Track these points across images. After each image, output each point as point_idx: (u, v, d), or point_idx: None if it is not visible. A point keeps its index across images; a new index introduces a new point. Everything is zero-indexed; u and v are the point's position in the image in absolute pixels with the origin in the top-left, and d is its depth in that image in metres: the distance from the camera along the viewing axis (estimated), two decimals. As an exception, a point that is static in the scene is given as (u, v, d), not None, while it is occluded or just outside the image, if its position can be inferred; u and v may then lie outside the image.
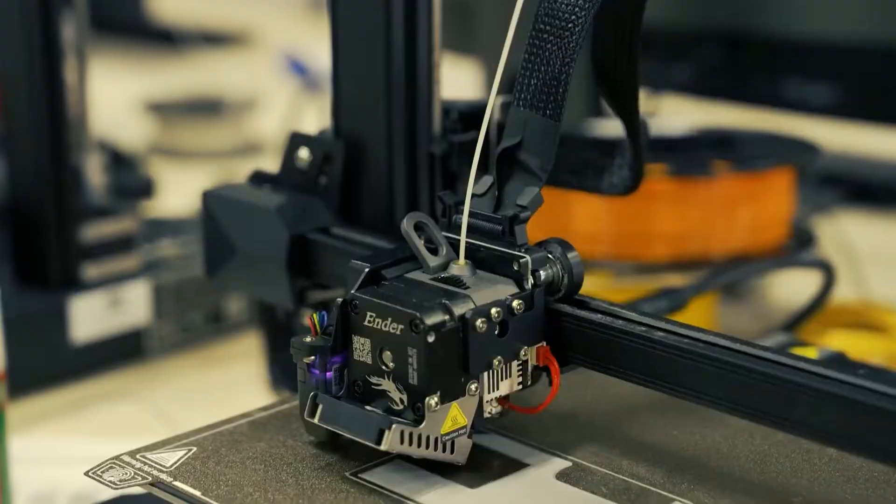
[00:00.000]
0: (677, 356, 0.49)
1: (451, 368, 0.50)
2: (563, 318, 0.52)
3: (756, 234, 0.86)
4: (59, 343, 0.84)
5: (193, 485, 0.51)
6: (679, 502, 0.49)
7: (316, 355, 0.52)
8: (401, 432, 0.49)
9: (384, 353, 0.50)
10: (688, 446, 0.54)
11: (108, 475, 0.51)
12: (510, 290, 0.51)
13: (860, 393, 0.45)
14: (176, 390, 0.86)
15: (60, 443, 0.78)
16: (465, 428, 0.51)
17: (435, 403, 0.49)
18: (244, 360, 0.89)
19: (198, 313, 0.91)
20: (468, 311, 0.50)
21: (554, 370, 0.52)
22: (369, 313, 0.50)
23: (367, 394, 0.51)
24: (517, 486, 0.51)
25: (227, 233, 0.64)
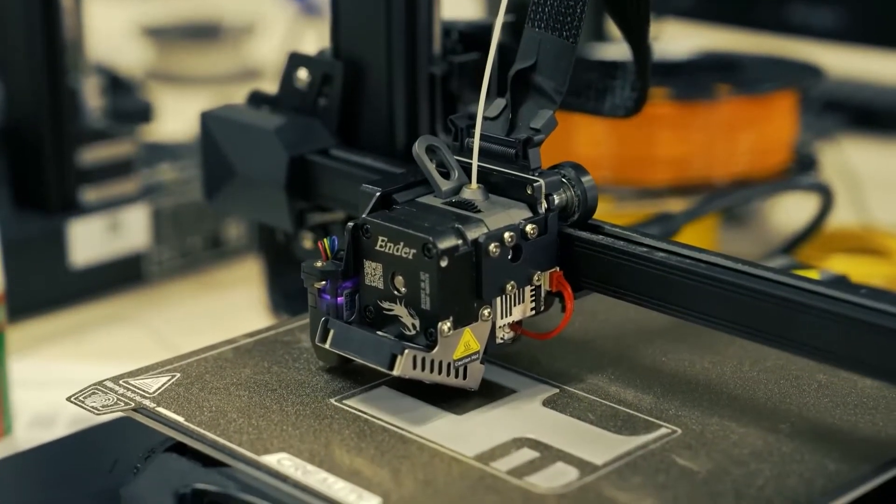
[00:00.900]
0: (695, 281, 0.49)
1: (464, 293, 0.49)
2: (576, 243, 0.52)
3: (758, 159, 0.85)
4: (58, 267, 0.84)
5: (177, 410, 0.50)
6: (666, 428, 0.49)
7: (327, 280, 0.51)
8: (413, 357, 0.49)
9: (396, 278, 0.50)
10: (676, 372, 0.54)
11: (90, 400, 0.51)
12: (523, 215, 0.51)
13: (861, 312, 0.45)
14: (175, 315, 0.86)
15: (60, 366, 0.79)
16: (477, 353, 0.50)
17: (448, 329, 0.49)
18: (244, 285, 0.89)
19: (197, 238, 0.91)
20: (481, 235, 0.49)
21: (567, 295, 0.52)
22: (381, 238, 0.50)
23: (379, 319, 0.50)
24: (503, 413, 0.51)
25: (226, 154, 0.64)
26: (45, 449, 0.57)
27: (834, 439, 0.49)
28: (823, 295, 0.46)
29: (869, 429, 0.49)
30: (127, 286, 0.88)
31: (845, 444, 0.48)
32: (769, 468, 0.47)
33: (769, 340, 0.48)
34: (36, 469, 0.56)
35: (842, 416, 0.50)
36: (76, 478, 0.54)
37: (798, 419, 0.50)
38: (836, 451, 0.48)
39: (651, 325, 0.57)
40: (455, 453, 0.48)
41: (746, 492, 0.45)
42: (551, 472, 0.47)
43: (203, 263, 0.92)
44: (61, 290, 0.84)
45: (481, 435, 0.49)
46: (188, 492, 0.46)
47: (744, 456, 0.47)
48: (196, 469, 0.47)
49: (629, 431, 0.49)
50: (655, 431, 0.49)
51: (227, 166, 0.64)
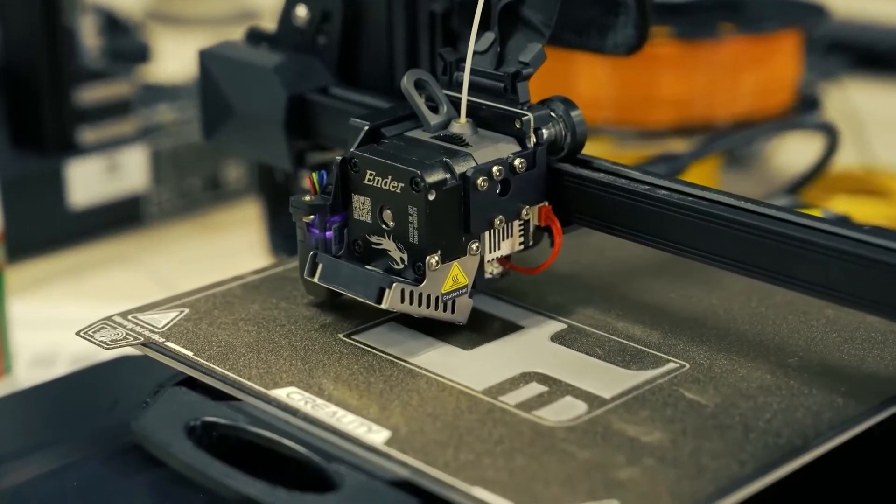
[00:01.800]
0: (682, 214, 0.49)
1: (452, 227, 0.49)
2: (565, 178, 0.52)
3: (761, 99, 0.84)
4: (57, 207, 0.84)
5: (185, 345, 0.50)
6: (674, 363, 0.49)
7: (315, 214, 0.51)
8: (401, 291, 0.49)
9: (384, 212, 0.50)
10: (684, 309, 0.53)
11: (99, 335, 0.51)
12: (512, 149, 0.51)
13: (865, 248, 0.45)
14: (175, 256, 0.86)
15: (60, 306, 0.79)
16: (465, 287, 0.50)
17: (436, 262, 0.49)
18: (243, 227, 0.89)
19: (196, 179, 0.91)
20: (469, 169, 0.49)
21: (556, 230, 0.52)
22: (369, 171, 0.50)
23: (368, 253, 0.51)
24: (511, 348, 0.51)
25: (225, 93, 0.63)
26: (45, 387, 0.57)
27: (842, 374, 0.49)
28: (827, 232, 0.46)
29: (876, 363, 0.49)
30: (126, 228, 0.87)
31: (853, 378, 0.48)
32: (777, 402, 0.47)
33: (771, 278, 0.47)
34: (36, 407, 0.56)
35: (850, 351, 0.50)
36: (76, 416, 0.54)
37: (806, 354, 0.50)
38: (844, 385, 0.48)
39: (659, 261, 0.56)
40: (463, 387, 0.48)
41: (755, 424, 0.45)
42: (560, 405, 0.47)
43: (202, 205, 0.91)
44: (60, 230, 0.84)
45: (490, 369, 0.49)
46: (198, 424, 0.46)
47: (752, 390, 0.47)
48: (205, 402, 0.47)
49: (637, 366, 0.49)
50: (663, 366, 0.49)
51: (226, 105, 0.63)
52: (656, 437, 0.45)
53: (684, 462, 0.43)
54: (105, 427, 0.52)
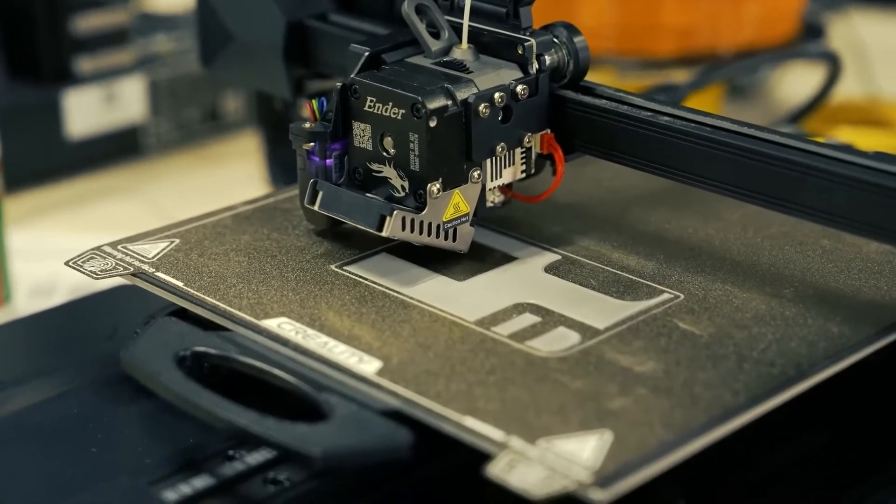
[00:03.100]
0: (685, 141, 0.48)
1: (454, 155, 0.49)
2: (568, 105, 0.51)
3: (765, 28, 0.84)
4: (54, 137, 0.83)
5: (176, 275, 0.50)
6: (669, 294, 0.49)
7: (315, 141, 0.50)
8: (402, 218, 0.48)
9: (385, 139, 0.49)
10: (680, 239, 0.53)
11: (88, 265, 0.51)
12: (514, 75, 0.50)
13: (869, 173, 0.45)
14: (173, 187, 0.85)
15: (59, 236, 0.78)
16: (467, 216, 0.50)
17: (437, 190, 0.48)
18: (242, 158, 0.88)
19: (194, 110, 0.90)
20: (471, 95, 0.48)
21: (558, 157, 0.51)
22: (369, 98, 0.49)
23: (368, 181, 0.50)
24: (504, 279, 0.50)
25: (223, 19, 0.62)
26: (44, 316, 0.57)
27: (837, 303, 0.48)
28: (830, 157, 0.45)
29: (873, 293, 0.49)
30: (124, 158, 0.87)
31: (849, 307, 0.48)
32: (772, 332, 0.46)
33: (773, 205, 0.47)
34: (35, 335, 0.56)
35: (846, 281, 0.50)
36: (75, 344, 0.54)
37: (802, 284, 0.50)
38: (840, 314, 0.47)
39: (655, 191, 0.56)
40: (456, 318, 0.48)
41: (749, 355, 0.45)
42: (553, 336, 0.46)
43: (200, 136, 0.91)
44: (58, 161, 0.84)
45: (482, 300, 0.49)
46: (188, 354, 0.46)
47: (746, 320, 0.47)
48: (196, 332, 0.47)
49: (631, 297, 0.49)
50: (658, 297, 0.49)
51: (224, 31, 0.62)
52: (649, 367, 0.44)
53: (677, 392, 0.43)
54: (103, 355, 0.52)
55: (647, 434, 0.41)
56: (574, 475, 0.39)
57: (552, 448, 0.40)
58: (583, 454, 0.40)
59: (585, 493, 0.38)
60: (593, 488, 0.38)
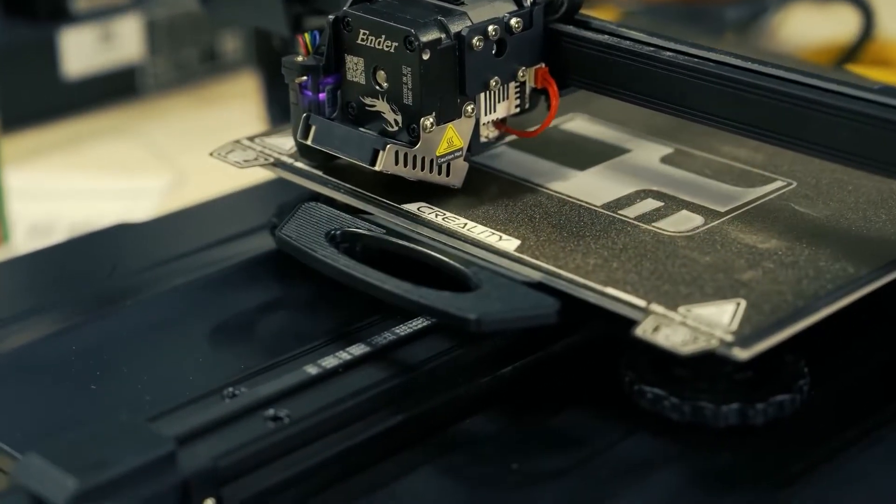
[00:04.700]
0: (687, 76, 0.48)
1: (447, 88, 0.48)
2: (563, 39, 0.51)
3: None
4: (50, 77, 0.83)
5: (313, 165, 0.52)
6: (781, 181, 0.51)
7: (308, 75, 0.50)
8: (395, 153, 0.48)
9: (378, 73, 0.49)
10: None
11: (232, 156, 0.53)
12: (508, 8, 0.50)
13: (873, 107, 0.44)
14: (172, 128, 0.85)
15: (57, 176, 0.78)
16: (460, 150, 0.50)
17: (430, 124, 0.48)
18: (240, 99, 0.88)
19: (192, 50, 0.89)
20: (464, 28, 0.48)
21: (553, 92, 0.51)
22: (362, 31, 0.49)
23: (362, 115, 0.50)
24: (623, 169, 0.52)
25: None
26: (43, 254, 0.56)
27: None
28: (834, 92, 0.45)
29: None
30: (121, 98, 0.87)
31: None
32: (885, 213, 0.48)
33: (779, 141, 0.47)
34: (34, 273, 0.56)
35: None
36: (74, 282, 0.54)
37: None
38: None
39: None
40: (583, 202, 0.50)
41: (866, 234, 0.47)
42: (677, 218, 0.49)
43: (199, 77, 0.90)
44: (55, 100, 0.83)
45: (605, 187, 0.51)
46: (338, 234, 0.48)
47: (860, 204, 0.49)
48: (343, 215, 0.48)
49: (746, 184, 0.51)
50: (771, 184, 0.51)
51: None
52: (773, 244, 0.47)
53: (802, 265, 0.45)
54: (102, 293, 0.52)
55: (779, 301, 0.43)
56: (717, 335, 0.41)
57: (692, 313, 0.43)
58: (722, 319, 0.42)
59: (728, 351, 0.41)
60: (736, 347, 0.41)
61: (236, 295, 0.51)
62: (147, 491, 0.38)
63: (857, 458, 0.43)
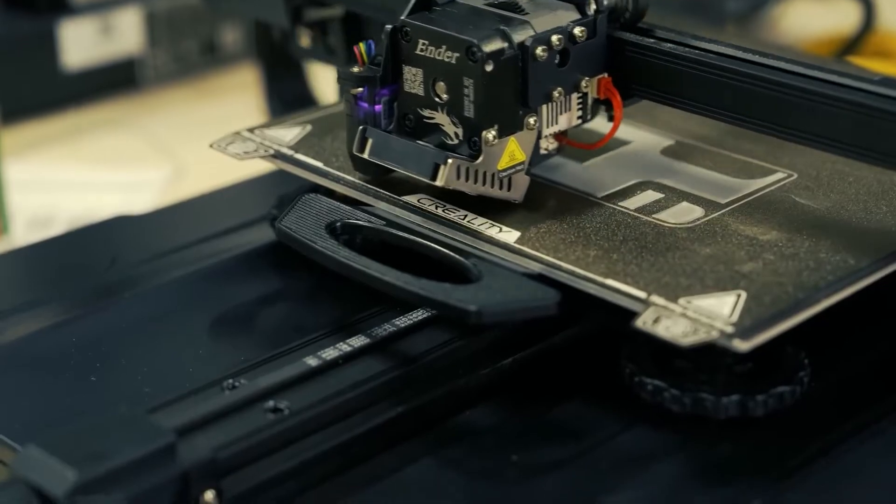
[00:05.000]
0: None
1: (509, 100, 0.47)
2: (627, 47, 0.49)
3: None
4: (50, 69, 0.83)
5: (314, 157, 0.52)
6: (782, 173, 0.51)
7: (364, 86, 0.48)
8: (457, 167, 0.47)
9: (438, 84, 0.47)
10: None
11: (232, 148, 0.53)
12: (571, 16, 0.48)
13: (872, 98, 0.44)
14: (171, 120, 0.85)
15: (56, 169, 0.78)
16: (522, 164, 0.48)
17: (492, 137, 0.47)
18: (240, 91, 0.87)
19: (192, 42, 0.89)
20: (528, 38, 0.46)
21: (616, 103, 0.49)
22: (422, 41, 0.47)
23: (419, 128, 0.48)
24: (623, 161, 0.52)
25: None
26: (43, 246, 0.56)
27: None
28: (836, 83, 0.45)
29: None
30: (121, 91, 0.87)
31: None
32: (886, 205, 0.48)
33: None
34: (33, 265, 0.56)
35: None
36: (73, 274, 0.54)
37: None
38: None
39: None
40: (583, 194, 0.50)
41: (867, 226, 0.47)
42: (677, 209, 0.49)
43: (198, 69, 0.90)
44: (55, 93, 0.83)
45: (605, 179, 0.51)
46: (338, 225, 0.47)
47: (861, 195, 0.49)
48: (343, 207, 0.48)
49: (747, 176, 0.51)
50: (772, 176, 0.51)
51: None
52: (773, 235, 0.47)
53: (803, 257, 0.45)
54: (103, 284, 0.52)
55: (780, 293, 0.43)
56: (717, 327, 0.41)
57: (693, 305, 0.43)
58: (723, 310, 0.42)
59: (729, 343, 0.41)
60: (736, 338, 0.41)
61: (236, 287, 0.52)
62: (147, 483, 0.38)
63: (857, 449, 0.43)
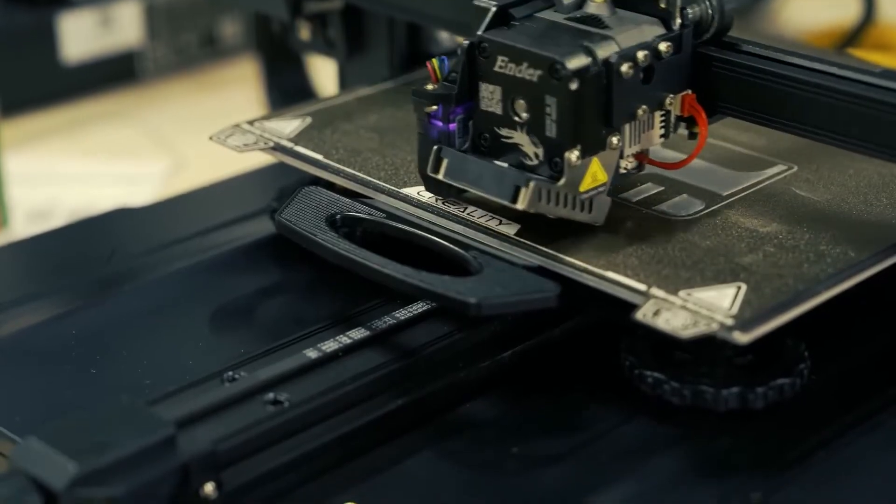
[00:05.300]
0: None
1: (593, 119, 0.45)
2: (713, 63, 0.47)
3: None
4: (50, 62, 0.83)
5: (314, 149, 0.52)
6: (783, 165, 0.51)
7: (439, 104, 0.47)
8: (538, 189, 0.45)
9: (517, 103, 0.45)
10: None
11: (231, 140, 0.53)
12: (656, 31, 0.46)
13: (875, 91, 0.44)
14: (171, 113, 0.85)
15: (56, 161, 0.78)
16: (604, 185, 0.46)
17: (575, 158, 0.45)
18: (240, 84, 0.87)
19: (192, 35, 0.89)
20: (612, 54, 0.44)
21: (701, 120, 0.47)
22: (500, 58, 0.45)
23: (495, 147, 0.46)
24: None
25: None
26: (43, 238, 0.56)
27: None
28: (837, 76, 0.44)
29: None
30: (121, 83, 0.86)
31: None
32: (887, 197, 0.48)
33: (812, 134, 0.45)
34: (33, 258, 0.56)
35: None
36: (73, 267, 0.54)
37: None
38: None
39: None
40: None
41: (867, 218, 0.47)
42: (678, 202, 0.49)
43: (198, 62, 0.90)
44: (54, 85, 0.83)
45: None
46: (339, 218, 0.47)
47: (861, 188, 0.49)
48: (343, 199, 0.48)
49: (747, 168, 0.51)
50: (773, 168, 0.51)
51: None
52: (774, 227, 0.47)
53: (803, 249, 0.45)
54: (103, 276, 0.52)
55: (780, 285, 0.43)
56: (717, 319, 0.41)
57: (693, 297, 0.43)
58: (723, 302, 0.42)
59: (729, 335, 0.41)
60: (736, 331, 0.41)
61: (236, 279, 0.51)
62: (147, 475, 0.38)
63: (857, 442, 0.43)
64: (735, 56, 0.47)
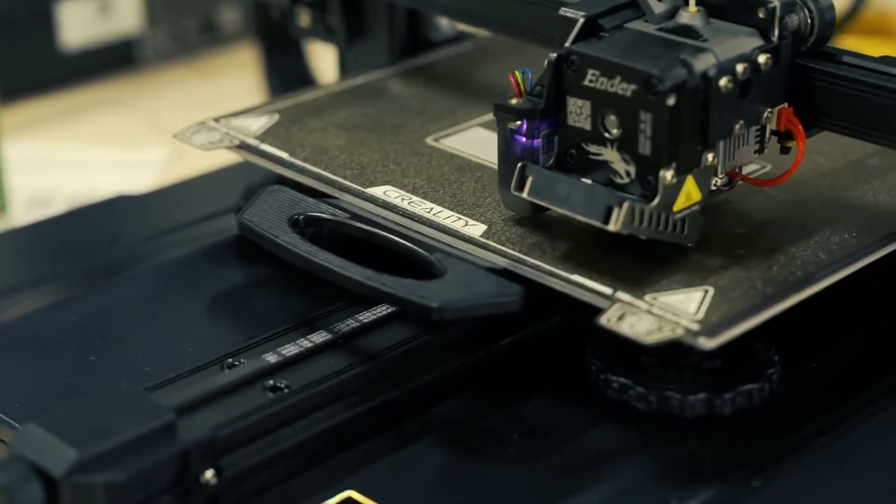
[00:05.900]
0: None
1: (689, 136, 0.43)
2: (812, 75, 0.45)
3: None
4: (48, 49, 0.82)
5: (280, 147, 0.51)
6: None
7: (523, 120, 0.44)
8: (632, 209, 0.43)
9: (608, 118, 0.43)
10: None
11: (196, 138, 0.52)
12: (754, 42, 0.44)
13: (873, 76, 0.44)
14: (170, 100, 0.85)
15: (55, 148, 0.78)
16: (697, 204, 0.44)
17: (671, 176, 0.42)
18: (239, 71, 0.87)
19: (191, 21, 0.89)
20: (710, 67, 0.42)
21: (799, 135, 0.45)
22: (591, 71, 0.43)
23: (582, 164, 0.44)
24: None
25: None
26: (42, 225, 0.56)
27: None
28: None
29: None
30: (120, 70, 0.86)
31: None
32: (858, 199, 0.48)
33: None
34: (33, 245, 0.56)
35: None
36: (73, 253, 0.54)
37: (886, 153, 0.49)
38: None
39: None
40: None
41: (838, 221, 0.46)
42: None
43: (197, 48, 0.90)
44: (53, 72, 0.83)
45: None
46: (301, 218, 0.47)
47: (834, 189, 0.48)
48: (306, 199, 0.48)
49: None
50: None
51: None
52: (745, 230, 0.46)
53: (774, 251, 0.44)
54: (101, 264, 0.52)
55: (748, 288, 0.42)
56: (682, 324, 0.40)
57: (659, 301, 0.41)
58: (689, 307, 0.41)
59: (694, 341, 0.40)
60: (702, 336, 0.40)
61: (236, 266, 0.51)
62: (146, 461, 0.38)
63: (826, 448, 0.42)
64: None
